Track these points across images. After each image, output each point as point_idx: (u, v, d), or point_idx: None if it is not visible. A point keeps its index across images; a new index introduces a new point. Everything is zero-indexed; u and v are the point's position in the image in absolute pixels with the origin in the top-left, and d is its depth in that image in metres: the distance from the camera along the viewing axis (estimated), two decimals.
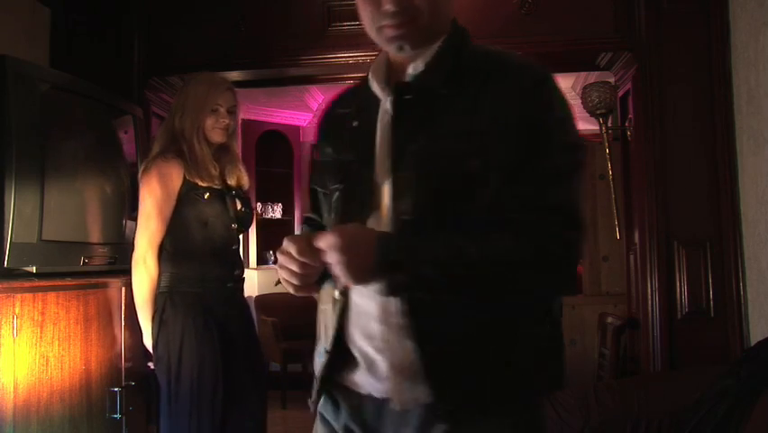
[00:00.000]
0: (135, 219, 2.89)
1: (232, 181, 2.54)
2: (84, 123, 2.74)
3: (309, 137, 6.49)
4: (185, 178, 2.41)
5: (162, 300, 2.39)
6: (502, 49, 1.33)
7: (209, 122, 2.47)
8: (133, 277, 2.41)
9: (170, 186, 2.40)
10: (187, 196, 2.42)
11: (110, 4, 3.37)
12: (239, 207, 2.55)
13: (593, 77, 4.38)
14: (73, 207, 2.56)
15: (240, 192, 2.58)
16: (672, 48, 3.08)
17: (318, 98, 6.31)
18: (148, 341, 2.41)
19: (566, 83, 5.88)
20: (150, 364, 2.45)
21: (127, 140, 2.94)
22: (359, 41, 3.32)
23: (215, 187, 2.47)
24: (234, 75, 3.61)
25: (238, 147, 2.61)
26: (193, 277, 2.42)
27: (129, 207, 2.89)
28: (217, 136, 2.50)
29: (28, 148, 2.25)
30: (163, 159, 2.41)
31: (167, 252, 2.43)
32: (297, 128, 6.43)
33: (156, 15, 3.40)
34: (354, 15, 3.67)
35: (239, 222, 2.56)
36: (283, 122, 6.34)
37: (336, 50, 3.35)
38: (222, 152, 2.55)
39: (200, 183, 2.43)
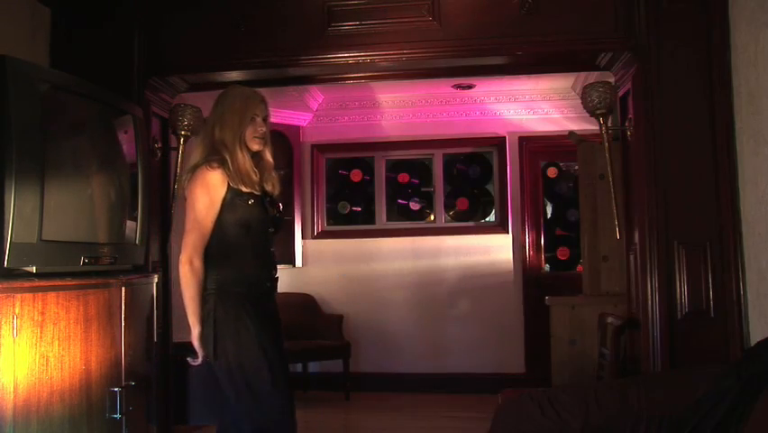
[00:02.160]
0: (135, 219, 2.90)
1: (268, 187, 2.71)
2: (84, 123, 2.73)
3: (309, 137, 6.50)
4: (229, 185, 2.57)
5: (213, 300, 2.55)
6: None
7: (248, 131, 2.64)
8: (181, 278, 2.54)
9: (216, 192, 2.56)
10: (231, 202, 2.58)
11: (110, 5, 3.37)
12: (274, 211, 2.74)
13: (593, 77, 4.38)
14: (73, 207, 2.56)
15: (273, 197, 2.75)
16: (671, 48, 3.08)
17: (318, 98, 6.31)
18: (196, 339, 2.55)
19: (566, 83, 5.90)
20: (191, 360, 2.59)
21: (127, 140, 2.94)
22: (359, 41, 3.33)
23: (256, 193, 2.64)
24: (234, 75, 3.62)
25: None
26: (238, 278, 2.59)
27: (129, 206, 2.89)
28: (256, 144, 2.67)
29: (28, 148, 2.25)
30: (209, 167, 2.56)
31: (212, 254, 2.58)
32: (297, 128, 6.44)
33: (156, 15, 3.40)
34: (354, 15, 3.70)
35: (275, 225, 2.75)
36: (283, 122, 6.34)
37: (336, 50, 3.35)
38: (258, 159, 2.71)
39: (243, 189, 2.59)
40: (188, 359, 2.61)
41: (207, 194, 2.54)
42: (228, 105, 2.66)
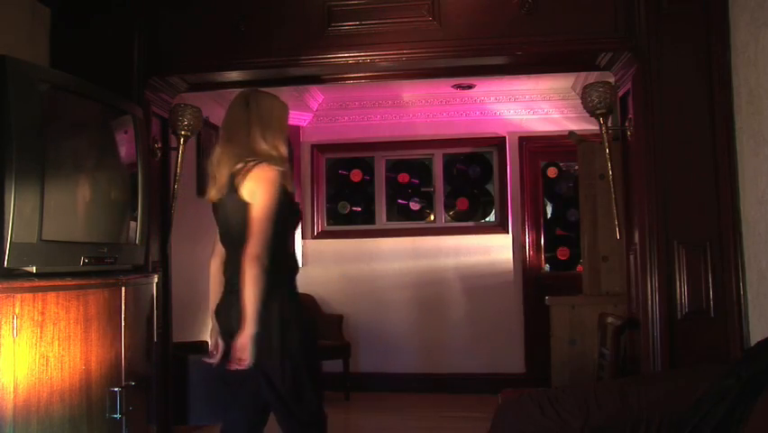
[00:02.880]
0: (135, 219, 2.90)
1: (291, 189, 2.71)
2: (84, 123, 2.74)
3: (309, 137, 6.50)
4: (282, 185, 2.58)
5: (277, 299, 2.49)
6: None
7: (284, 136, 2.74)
8: (251, 278, 2.42)
9: (277, 192, 2.55)
10: (282, 201, 2.56)
11: (110, 5, 3.37)
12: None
13: (593, 77, 4.38)
14: (73, 207, 2.56)
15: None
16: (671, 48, 3.08)
17: (318, 98, 6.31)
18: (248, 339, 2.41)
19: (566, 83, 5.89)
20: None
21: (127, 140, 2.94)
22: (359, 41, 3.32)
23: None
24: (234, 75, 3.62)
25: None
26: (290, 276, 2.64)
27: (129, 206, 2.89)
28: (285, 148, 2.73)
29: (28, 148, 2.25)
30: (268, 166, 2.53)
31: (269, 254, 2.53)
32: (297, 128, 6.43)
33: (156, 16, 3.40)
34: (354, 15, 3.69)
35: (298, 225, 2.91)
36: None
37: (336, 50, 3.35)
38: None
39: (289, 189, 2.64)
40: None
41: (273, 192, 2.51)
42: (268, 108, 2.69)
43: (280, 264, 2.55)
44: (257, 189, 2.49)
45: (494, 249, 6.20)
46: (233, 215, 2.54)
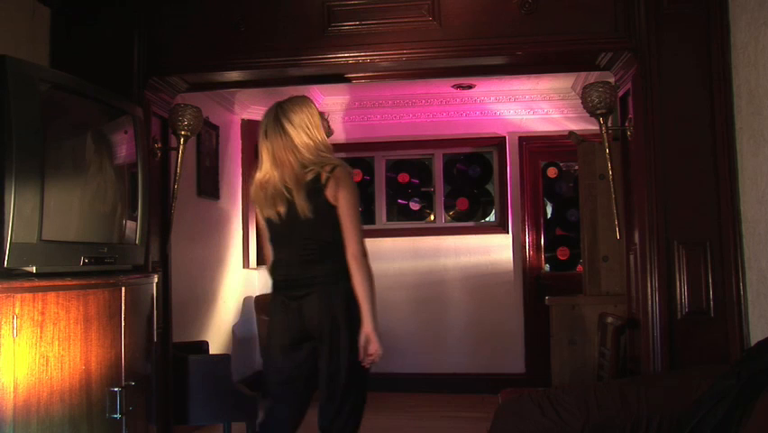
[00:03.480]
0: (135, 219, 2.89)
1: None
2: (84, 123, 2.73)
3: None
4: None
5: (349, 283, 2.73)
6: None
7: None
8: (363, 270, 2.71)
9: (356, 189, 2.80)
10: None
11: (110, 5, 3.37)
12: None
13: (593, 77, 4.38)
14: (73, 207, 2.56)
15: None
16: (671, 48, 3.08)
17: (318, 98, 6.31)
18: (374, 329, 2.77)
19: (566, 83, 5.90)
20: (369, 357, 2.76)
21: (127, 140, 2.94)
22: (359, 41, 3.32)
23: None
24: (234, 75, 3.62)
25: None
26: None
27: (129, 206, 2.89)
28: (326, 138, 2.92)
29: (28, 148, 2.25)
30: (343, 169, 2.77)
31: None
32: None
33: (156, 15, 3.40)
34: (354, 15, 3.68)
35: None
36: None
37: (336, 50, 3.35)
38: None
39: None
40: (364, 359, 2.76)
41: (356, 191, 2.78)
42: (315, 113, 2.84)
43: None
44: (347, 190, 2.72)
45: (494, 249, 6.20)
46: (317, 217, 2.72)
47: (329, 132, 2.92)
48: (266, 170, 2.80)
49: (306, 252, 2.74)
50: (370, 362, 2.76)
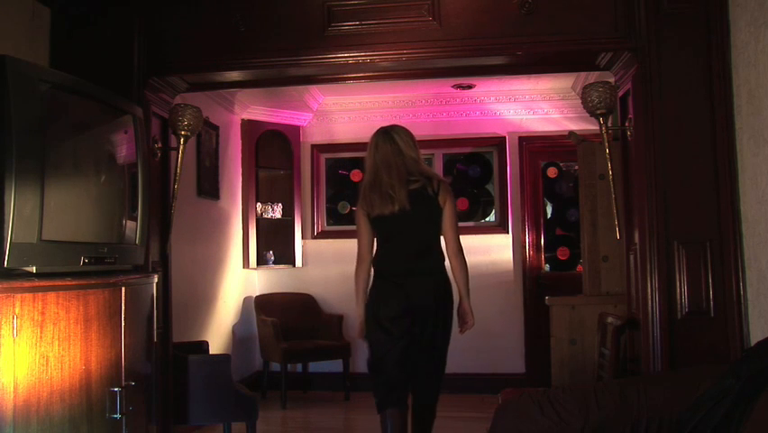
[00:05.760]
0: (135, 219, 2.90)
1: None
2: (84, 123, 2.73)
3: (309, 137, 6.50)
4: None
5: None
6: None
7: None
8: (464, 261, 3.38)
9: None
10: None
11: (110, 5, 3.37)
12: None
13: (593, 77, 4.38)
14: (73, 207, 2.56)
15: None
16: (672, 48, 3.08)
17: (318, 98, 6.31)
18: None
19: (566, 83, 5.89)
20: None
21: (127, 140, 2.94)
22: (359, 41, 3.33)
23: None
24: (234, 75, 3.62)
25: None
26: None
27: (129, 206, 2.89)
28: None
29: (28, 148, 2.25)
30: (446, 182, 3.43)
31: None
32: (297, 128, 6.44)
33: (156, 16, 3.40)
34: (354, 15, 3.69)
35: None
36: (283, 122, 6.34)
37: (336, 50, 3.35)
38: None
39: None
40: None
41: (454, 200, 3.42)
42: (408, 135, 3.44)
43: None
44: (449, 198, 3.35)
45: (494, 249, 6.20)
46: (429, 218, 3.32)
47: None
48: (376, 173, 3.32)
49: (420, 246, 3.32)
50: (466, 330, 3.52)
